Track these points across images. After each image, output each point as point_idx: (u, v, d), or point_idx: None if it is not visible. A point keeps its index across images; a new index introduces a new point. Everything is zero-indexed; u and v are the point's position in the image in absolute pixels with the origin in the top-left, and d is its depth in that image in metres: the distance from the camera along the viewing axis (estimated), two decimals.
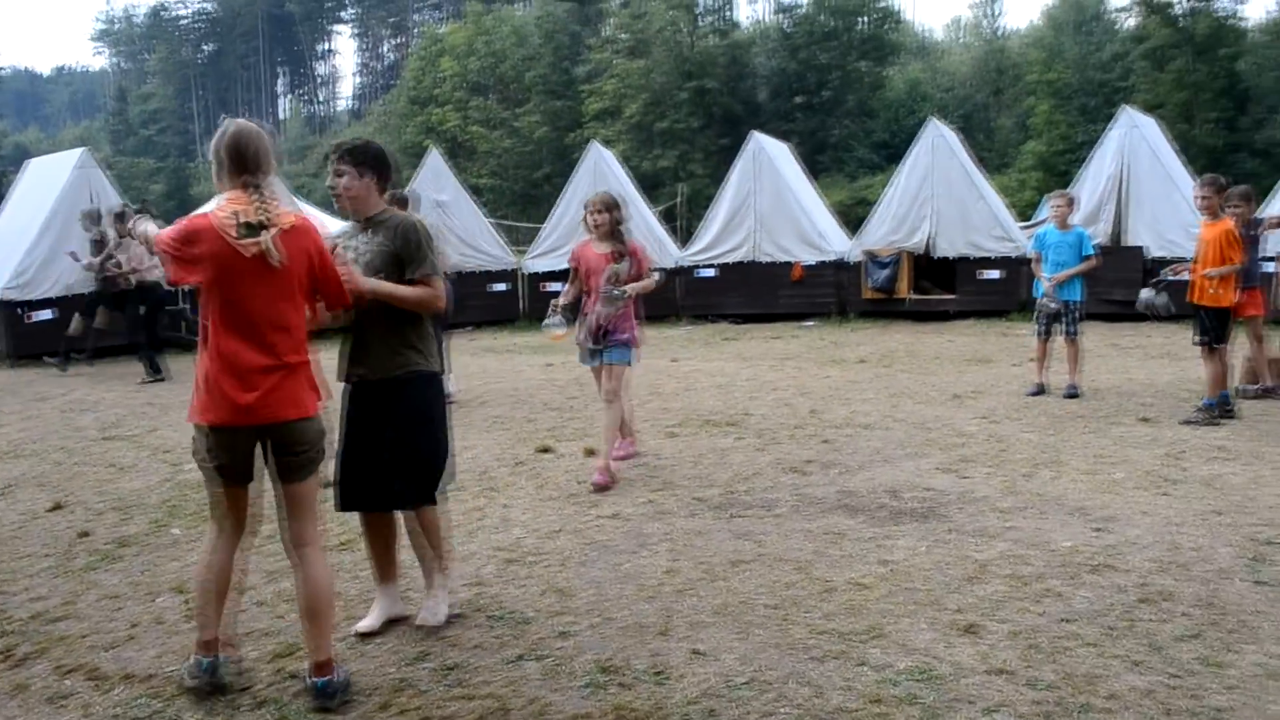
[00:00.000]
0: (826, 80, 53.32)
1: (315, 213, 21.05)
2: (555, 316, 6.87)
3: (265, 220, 3.58)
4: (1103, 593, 4.53)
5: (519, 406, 9.92)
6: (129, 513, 6.42)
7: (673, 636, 4.18)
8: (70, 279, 14.95)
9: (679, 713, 3.53)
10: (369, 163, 4.24)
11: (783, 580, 4.80)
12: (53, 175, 15.91)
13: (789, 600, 4.54)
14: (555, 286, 18.40)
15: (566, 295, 7.07)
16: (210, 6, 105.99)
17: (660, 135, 50.01)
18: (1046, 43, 52.51)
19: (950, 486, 6.43)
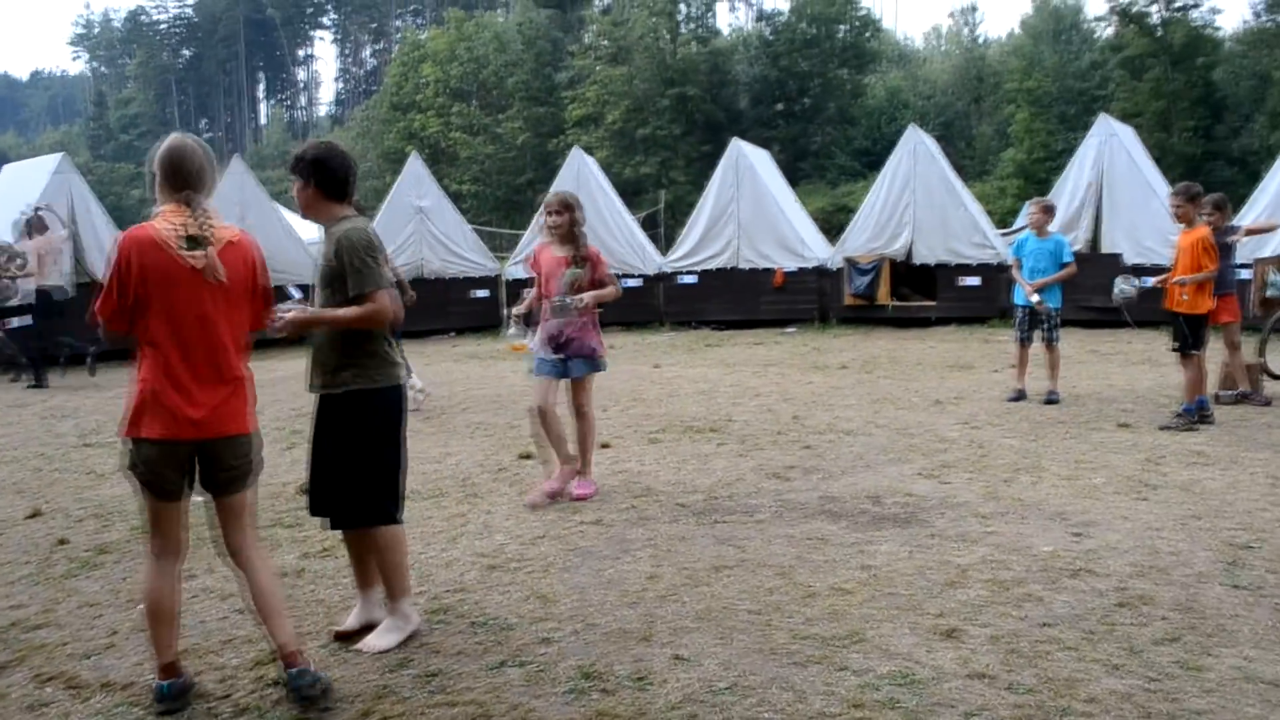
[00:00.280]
0: (807, 88, 53.55)
1: (294, 218, 20.99)
2: (515, 326, 6.61)
3: (206, 236, 3.57)
4: (1082, 597, 4.56)
5: (501, 413, 9.91)
6: (108, 520, 6.38)
7: (655, 642, 4.18)
8: (49, 284, 14.84)
9: (661, 718, 3.54)
10: (306, 170, 4.15)
11: (765, 585, 4.81)
12: (30, 180, 15.84)
13: (771, 605, 4.55)
14: None
15: (525, 303, 6.71)
16: (189, 11, 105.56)
17: (642, 142, 50.08)
18: (1025, 51, 52.90)
19: (931, 492, 6.46)
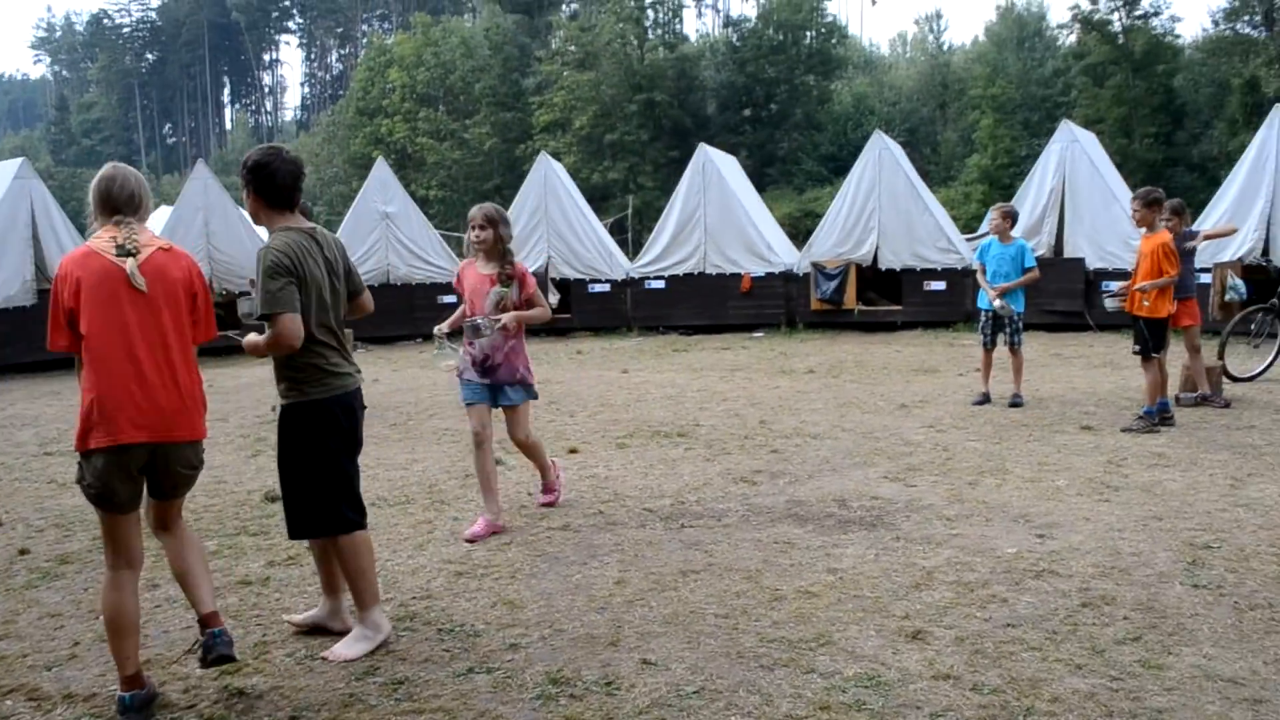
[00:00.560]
0: (774, 94, 53.78)
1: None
2: (445, 348, 6.00)
3: (131, 247, 3.69)
4: (1046, 598, 4.60)
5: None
6: (70, 529, 6.30)
7: (623, 647, 4.18)
8: (10, 290, 14.70)
9: None
10: (246, 176, 4.14)
11: (732, 589, 4.83)
12: None
13: (738, 609, 4.56)
14: None
15: (450, 322, 6.11)
16: (153, 15, 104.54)
17: (610, 147, 50.10)
18: (989, 58, 53.43)
19: (897, 495, 6.50)
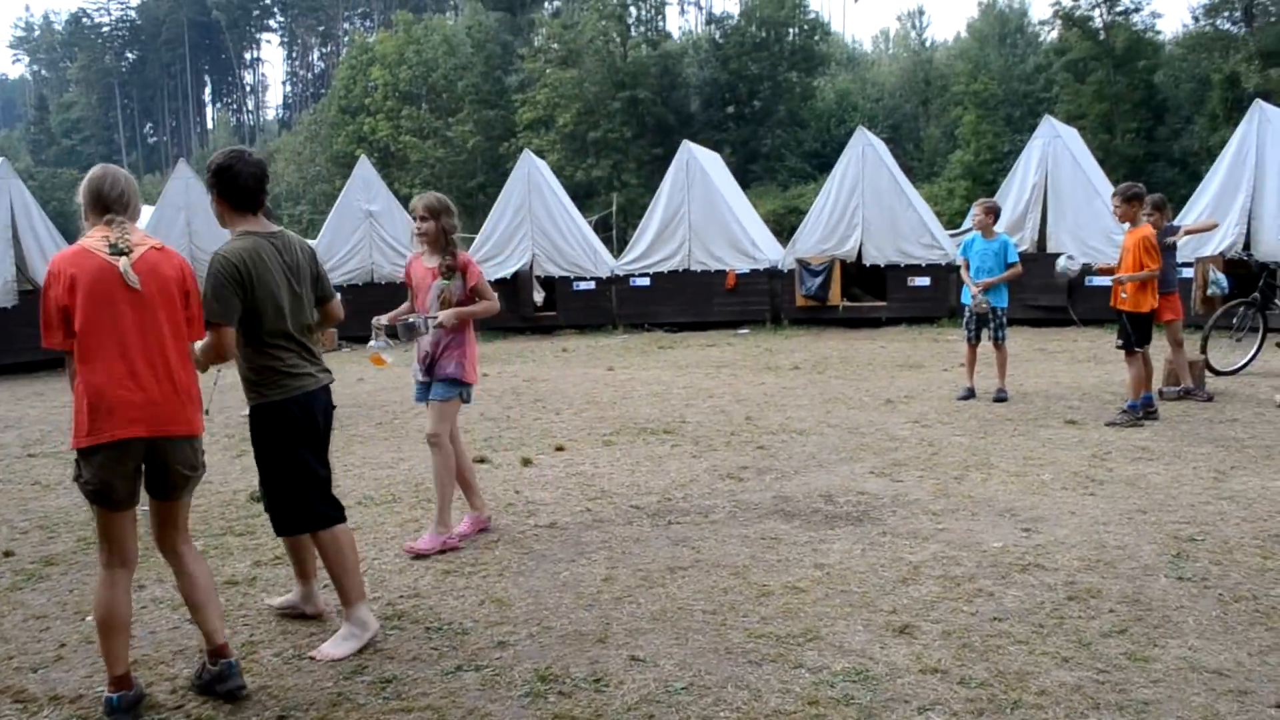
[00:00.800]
0: (757, 90, 53.82)
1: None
2: (378, 338, 5.69)
3: (124, 246, 3.71)
4: (1032, 591, 4.63)
5: None
6: (54, 531, 6.27)
7: (611, 644, 4.19)
8: None
9: (619, 719, 3.54)
10: (209, 180, 4.18)
11: (720, 585, 4.84)
12: None
13: (726, 605, 4.57)
14: None
15: (391, 315, 5.79)
16: (132, 14, 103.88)
17: (593, 145, 50.05)
18: (971, 55, 53.64)
19: (883, 490, 6.52)
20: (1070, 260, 9.68)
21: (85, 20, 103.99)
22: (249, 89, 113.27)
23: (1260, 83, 34.66)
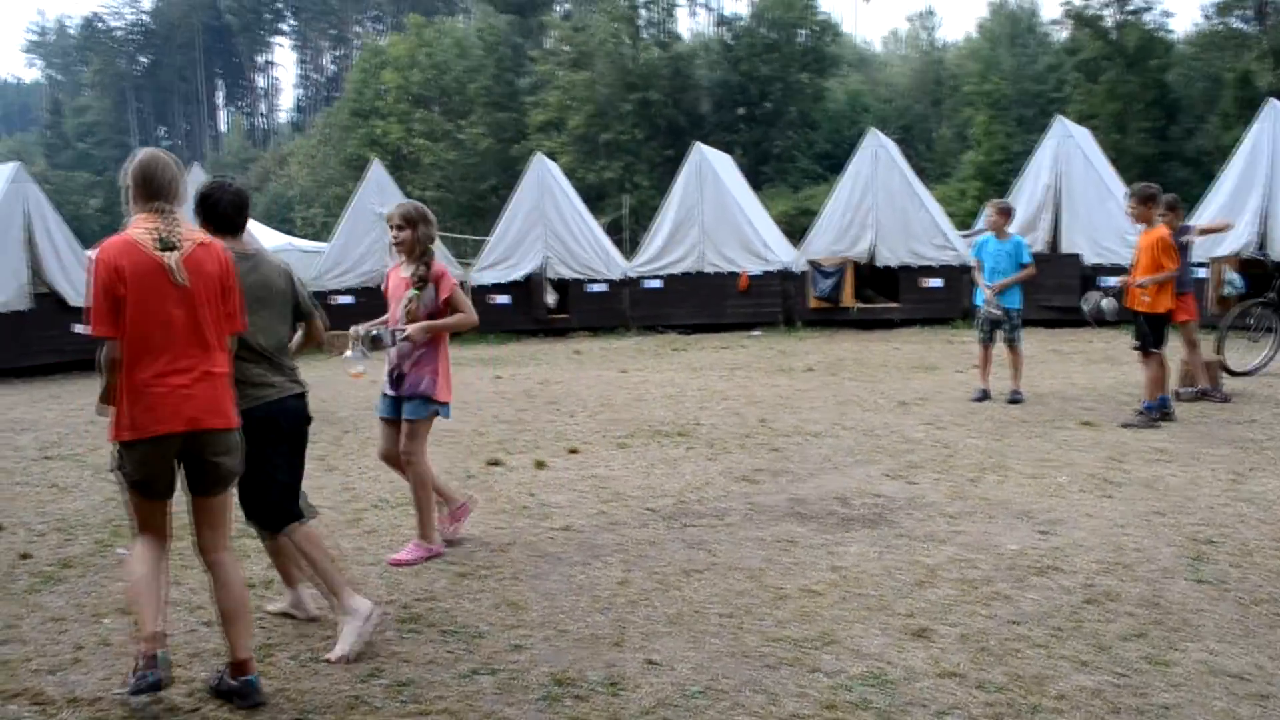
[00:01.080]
0: (768, 92, 53.73)
1: (256, 226, 20.76)
2: (356, 350, 5.40)
3: (173, 240, 3.72)
4: (1050, 594, 4.61)
5: (468, 419, 9.86)
6: (72, 533, 6.29)
7: (627, 647, 4.18)
8: (6, 295, 14.68)
9: None
10: (194, 208, 4.29)
11: (735, 588, 4.83)
12: None
13: (742, 608, 4.56)
14: (502, 300, 18.40)
15: (368, 326, 5.55)
16: (146, 18, 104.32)
17: (605, 147, 50.03)
18: (982, 55, 53.47)
19: (898, 492, 6.51)
20: (1109, 301, 9.49)
21: (99, 24, 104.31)
22: (261, 92, 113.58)
23: (1273, 81, 34.45)
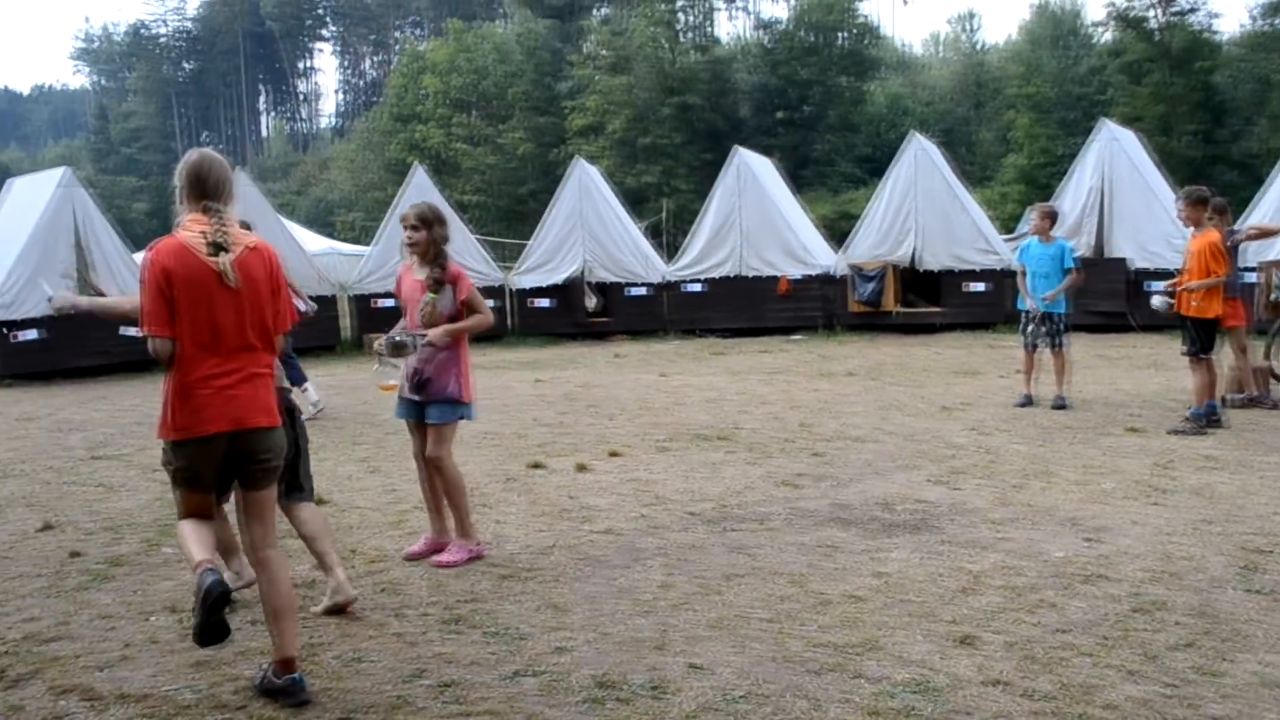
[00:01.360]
0: (808, 95, 53.60)
1: (298, 230, 20.99)
2: (385, 364, 5.38)
3: (224, 243, 3.79)
4: (1097, 603, 4.55)
5: (509, 422, 9.90)
6: (120, 532, 6.38)
7: (669, 651, 4.17)
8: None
9: None
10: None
11: (778, 593, 4.81)
12: (35, 194, 15.83)
13: (784, 613, 4.54)
14: (542, 303, 18.44)
15: (389, 334, 5.44)
16: (190, 25, 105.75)
17: (644, 151, 50.08)
18: (1025, 57, 52.91)
19: (942, 498, 6.46)
20: (1167, 299, 9.36)
21: (144, 31, 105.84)
22: (303, 97, 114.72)
23: None
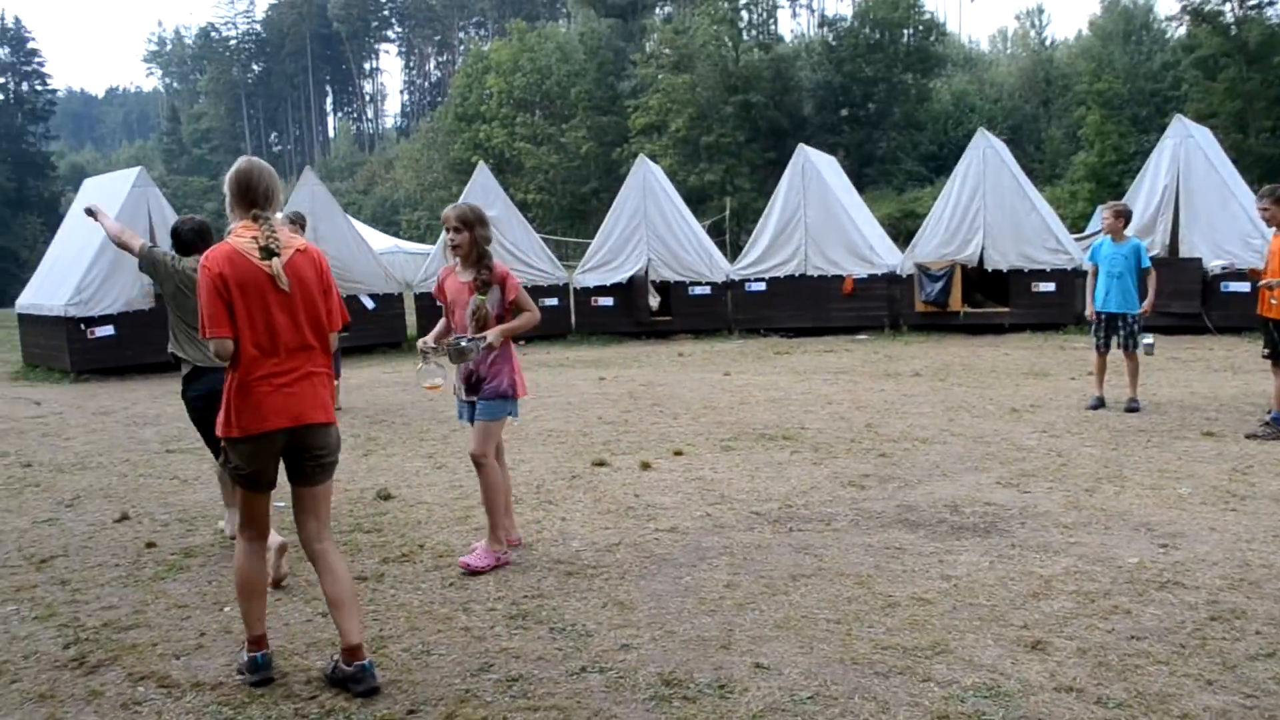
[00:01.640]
0: (872, 93, 53.17)
1: (364, 229, 21.19)
2: (429, 363, 5.39)
3: (275, 247, 3.92)
4: (1172, 610, 4.46)
5: (573, 420, 9.95)
6: (193, 524, 6.52)
7: (735, 650, 4.17)
8: (131, 294, 15.26)
9: None
10: (172, 239, 4.72)
11: (844, 595, 4.78)
12: (109, 193, 16.21)
13: (851, 615, 4.51)
14: (605, 301, 18.50)
15: (434, 335, 5.59)
16: (258, 28, 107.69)
17: (706, 149, 50.03)
18: (1094, 53, 51.97)
19: (1011, 501, 6.36)
20: (1149, 344, 9.77)
21: (214, 34, 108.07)
22: (368, 98, 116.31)
23: None
